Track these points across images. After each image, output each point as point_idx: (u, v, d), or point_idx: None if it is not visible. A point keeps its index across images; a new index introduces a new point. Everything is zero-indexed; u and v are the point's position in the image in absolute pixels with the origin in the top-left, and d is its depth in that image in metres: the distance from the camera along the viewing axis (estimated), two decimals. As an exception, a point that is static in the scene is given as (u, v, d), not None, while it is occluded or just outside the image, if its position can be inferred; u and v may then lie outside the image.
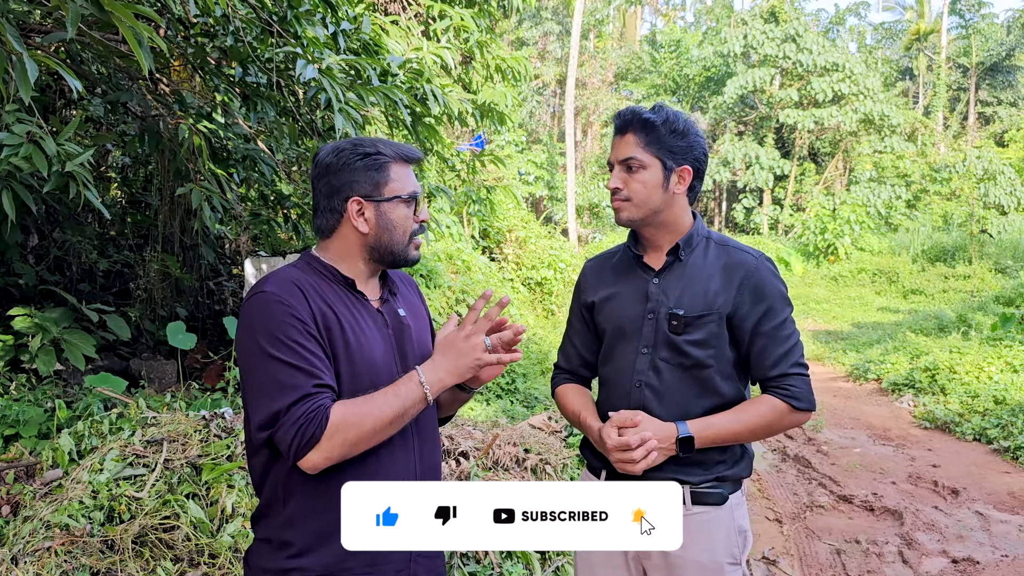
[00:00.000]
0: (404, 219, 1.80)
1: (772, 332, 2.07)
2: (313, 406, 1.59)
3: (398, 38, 6.08)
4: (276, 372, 1.61)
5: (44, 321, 4.73)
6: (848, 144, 31.40)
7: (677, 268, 2.12)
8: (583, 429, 2.21)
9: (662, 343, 2.09)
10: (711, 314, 2.06)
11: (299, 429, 1.58)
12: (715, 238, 2.17)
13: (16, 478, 3.71)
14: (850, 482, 6.36)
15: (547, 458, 5.09)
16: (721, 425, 2.04)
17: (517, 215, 14.82)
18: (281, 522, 1.71)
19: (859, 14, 45.10)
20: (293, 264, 1.83)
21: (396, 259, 1.82)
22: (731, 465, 2.12)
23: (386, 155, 1.80)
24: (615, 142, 2.13)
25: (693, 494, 2.07)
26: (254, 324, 1.66)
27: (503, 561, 3.67)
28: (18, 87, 2.18)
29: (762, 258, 2.12)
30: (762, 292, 2.07)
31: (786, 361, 2.07)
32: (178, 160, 4.78)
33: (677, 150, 2.07)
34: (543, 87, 37.66)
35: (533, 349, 9.73)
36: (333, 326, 1.70)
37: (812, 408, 2.09)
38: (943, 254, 22.95)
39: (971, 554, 4.81)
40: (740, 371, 2.15)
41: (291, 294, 1.68)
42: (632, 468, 1.97)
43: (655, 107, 2.10)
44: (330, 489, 1.66)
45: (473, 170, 9.97)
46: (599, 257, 2.37)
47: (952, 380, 9.38)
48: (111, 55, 4.33)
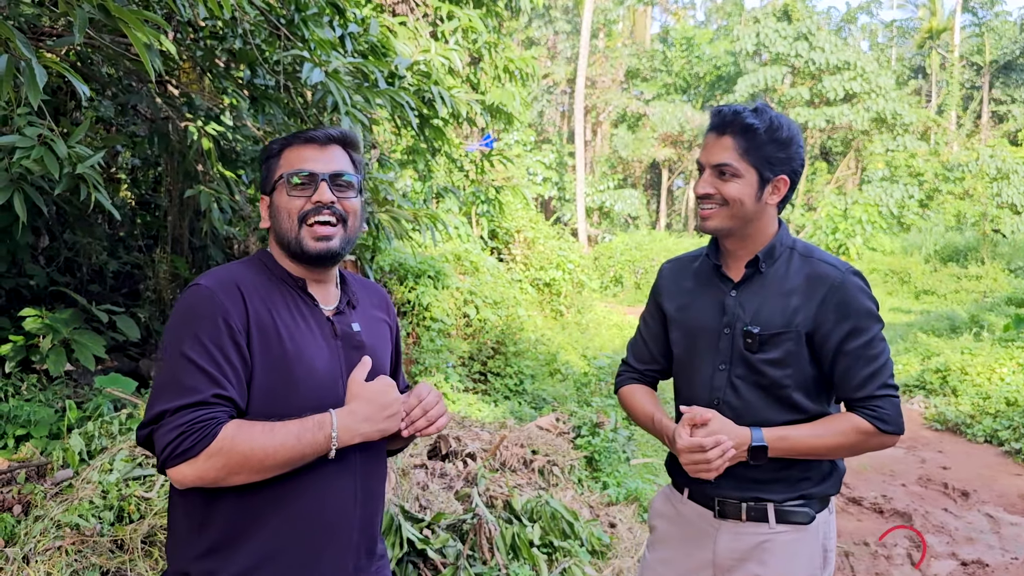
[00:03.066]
0: (286, 201, 1.63)
1: (858, 351, 1.93)
2: (202, 416, 1.44)
3: (406, 39, 6.10)
4: (181, 371, 1.48)
5: (54, 322, 4.76)
6: (860, 143, 31.25)
7: (757, 281, 2.01)
8: (654, 430, 2.10)
9: (738, 360, 1.99)
10: (789, 332, 1.94)
11: (179, 436, 1.42)
12: (799, 248, 2.03)
13: (27, 478, 3.74)
14: (860, 484, 6.34)
15: (554, 460, 5.09)
16: (798, 437, 1.92)
17: (526, 215, 14.81)
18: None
19: (871, 12, 44.82)
20: (245, 260, 1.70)
21: (292, 249, 1.64)
22: (817, 482, 2.01)
23: (276, 146, 1.69)
24: (709, 141, 1.97)
25: (778, 512, 1.98)
26: (179, 317, 1.55)
27: (510, 563, 3.67)
28: (27, 92, 2.20)
29: (848, 271, 1.97)
30: (847, 309, 1.93)
31: (873, 382, 1.93)
32: (187, 162, 4.80)
33: (776, 160, 1.93)
34: (553, 86, 37.63)
35: (541, 351, 9.72)
36: (269, 330, 1.57)
37: (900, 432, 1.95)
38: (955, 254, 22.81)
39: (981, 557, 4.79)
40: (824, 388, 2.02)
41: (227, 293, 1.55)
42: (706, 471, 1.86)
43: (757, 110, 1.94)
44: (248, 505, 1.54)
45: (482, 170, 9.97)
46: (679, 260, 2.25)
47: (963, 381, 9.33)
48: (121, 58, 4.36)
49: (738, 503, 2.00)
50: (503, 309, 9.67)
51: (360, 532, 1.68)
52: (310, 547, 1.59)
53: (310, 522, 1.58)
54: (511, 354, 8.99)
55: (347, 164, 1.70)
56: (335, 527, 1.62)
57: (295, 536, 1.57)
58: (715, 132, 1.96)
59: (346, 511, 1.64)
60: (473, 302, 9.32)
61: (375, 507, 1.74)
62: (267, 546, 1.55)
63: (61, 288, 5.54)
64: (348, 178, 1.68)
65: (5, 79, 2.17)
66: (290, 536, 1.57)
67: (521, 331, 9.64)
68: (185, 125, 4.47)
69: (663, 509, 2.21)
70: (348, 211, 1.67)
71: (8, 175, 3.37)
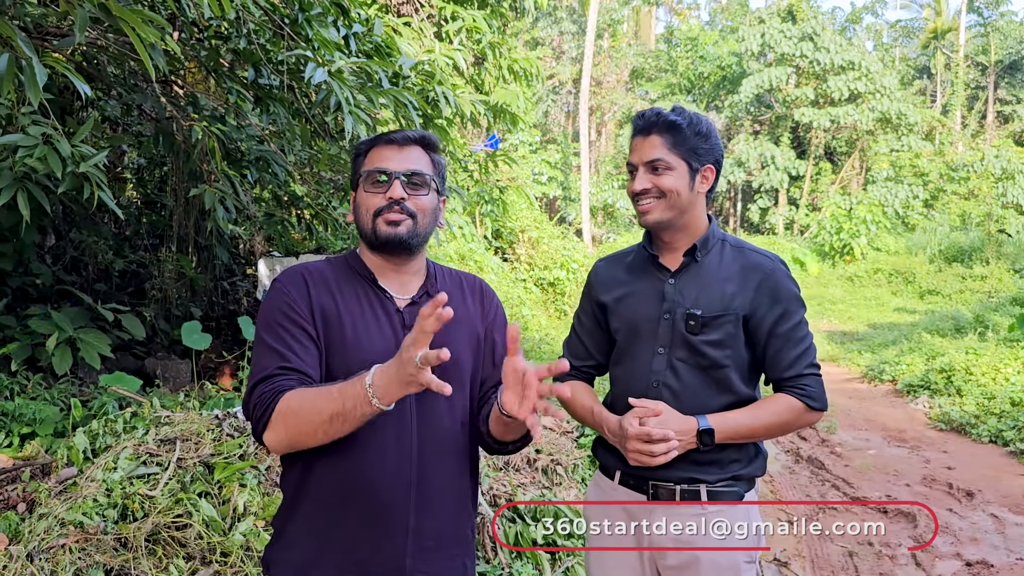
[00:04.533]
0: (365, 197, 1.77)
1: (788, 334, 2.10)
2: (270, 387, 1.60)
3: (410, 40, 6.10)
4: (258, 354, 1.66)
5: (60, 320, 4.78)
6: (865, 143, 31.19)
7: (693, 269, 2.14)
8: (596, 424, 2.19)
9: (679, 343, 2.10)
10: (728, 315, 2.08)
11: (254, 408, 1.60)
12: (730, 241, 2.19)
13: (32, 476, 3.75)
14: (864, 484, 6.32)
15: (558, 459, 5.09)
16: (739, 421, 2.06)
17: (530, 215, 14.82)
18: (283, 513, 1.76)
19: (876, 12, 44.81)
20: (331, 257, 1.86)
21: (369, 239, 1.77)
22: (746, 464, 2.13)
23: (364, 145, 1.83)
24: (637, 143, 2.12)
25: (710, 492, 2.08)
26: (260, 310, 1.74)
27: (512, 561, 3.68)
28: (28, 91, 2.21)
29: (777, 260, 2.15)
30: (778, 294, 2.10)
31: (801, 362, 2.10)
32: (192, 161, 4.82)
33: (701, 151, 2.09)
34: (558, 86, 37.63)
35: (545, 350, 9.73)
36: (332, 318, 1.70)
37: (825, 408, 2.12)
38: (960, 254, 22.76)
39: (985, 557, 4.77)
40: (754, 371, 2.17)
41: (293, 283, 1.72)
42: (649, 460, 1.99)
43: (675, 109, 2.10)
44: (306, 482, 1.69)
45: (486, 170, 9.97)
46: (611, 257, 2.38)
47: (968, 382, 9.31)
48: (126, 58, 4.37)
49: (673, 486, 2.09)
50: (507, 308, 9.66)
51: (417, 516, 1.69)
52: (357, 520, 1.66)
53: (355, 494, 1.66)
54: (515, 354, 8.97)
55: (424, 164, 1.80)
56: (385, 506, 1.67)
57: (339, 506, 1.67)
58: (641, 134, 2.10)
59: (397, 491, 1.68)
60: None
61: (436, 493, 1.72)
62: (315, 516, 1.68)
63: (67, 287, 5.56)
64: (421, 176, 1.77)
65: (6, 78, 2.18)
66: (336, 508, 1.67)
67: (525, 330, 9.64)
68: (190, 125, 4.48)
69: (595, 497, 2.29)
70: (418, 209, 1.76)
71: (12, 174, 3.38)
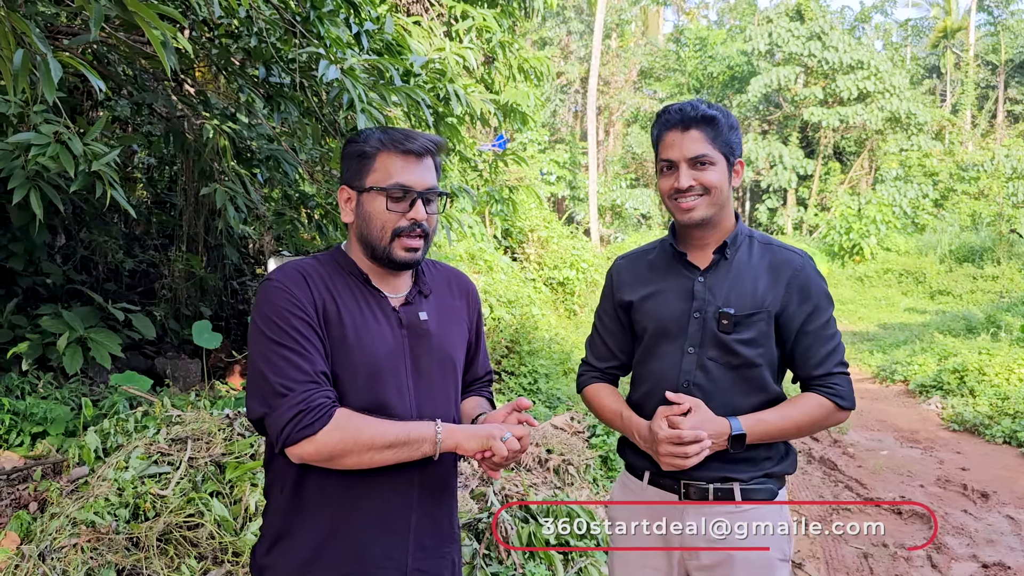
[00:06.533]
0: (382, 212, 1.70)
1: (818, 331, 2.07)
2: (317, 396, 1.57)
3: (421, 38, 6.08)
4: (275, 357, 1.60)
5: (71, 320, 4.77)
6: (874, 143, 31.04)
7: (723, 267, 2.09)
8: (625, 428, 2.15)
9: (710, 342, 2.05)
10: (760, 312, 2.04)
11: (296, 415, 1.55)
12: (757, 237, 2.15)
13: (43, 475, 3.75)
14: (877, 485, 6.28)
15: (570, 459, 5.07)
16: (771, 421, 2.02)
17: (539, 215, 14.79)
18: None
19: (885, 11, 44.56)
20: (317, 255, 1.81)
21: (378, 255, 1.74)
22: (777, 461, 2.10)
23: (372, 145, 1.73)
24: (673, 138, 2.04)
25: (743, 491, 2.05)
26: (257, 311, 1.67)
27: (526, 562, 3.65)
28: (43, 87, 2.19)
29: (806, 257, 2.11)
30: (808, 291, 2.06)
31: (831, 360, 2.07)
32: (202, 160, 4.81)
33: (734, 144, 2.06)
34: (566, 86, 37.58)
35: (556, 350, 9.70)
36: (332, 317, 1.68)
37: (853, 407, 2.09)
38: (971, 254, 22.61)
39: (1002, 559, 4.73)
40: (782, 371, 2.15)
41: (293, 282, 1.67)
42: (682, 463, 1.95)
43: (703, 102, 2.06)
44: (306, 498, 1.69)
45: (495, 170, 9.95)
46: (632, 254, 2.32)
47: (981, 382, 9.24)
48: (137, 56, 4.36)
49: (706, 485, 2.06)
50: (517, 308, 9.65)
51: (418, 514, 1.76)
52: (363, 520, 1.69)
53: (361, 494, 1.68)
54: (525, 353, 8.97)
55: (436, 174, 1.78)
56: (390, 505, 1.71)
57: (346, 507, 1.69)
58: (678, 128, 2.04)
59: (401, 490, 1.73)
60: (487, 301, 9.30)
61: (435, 490, 1.80)
62: (319, 517, 1.69)
63: (77, 286, 5.56)
64: (436, 191, 1.76)
65: (21, 74, 2.16)
66: (342, 508, 1.69)
67: (535, 330, 9.61)
68: (201, 123, 4.47)
69: (622, 497, 2.25)
70: (431, 226, 1.76)
71: (24, 172, 3.37)
